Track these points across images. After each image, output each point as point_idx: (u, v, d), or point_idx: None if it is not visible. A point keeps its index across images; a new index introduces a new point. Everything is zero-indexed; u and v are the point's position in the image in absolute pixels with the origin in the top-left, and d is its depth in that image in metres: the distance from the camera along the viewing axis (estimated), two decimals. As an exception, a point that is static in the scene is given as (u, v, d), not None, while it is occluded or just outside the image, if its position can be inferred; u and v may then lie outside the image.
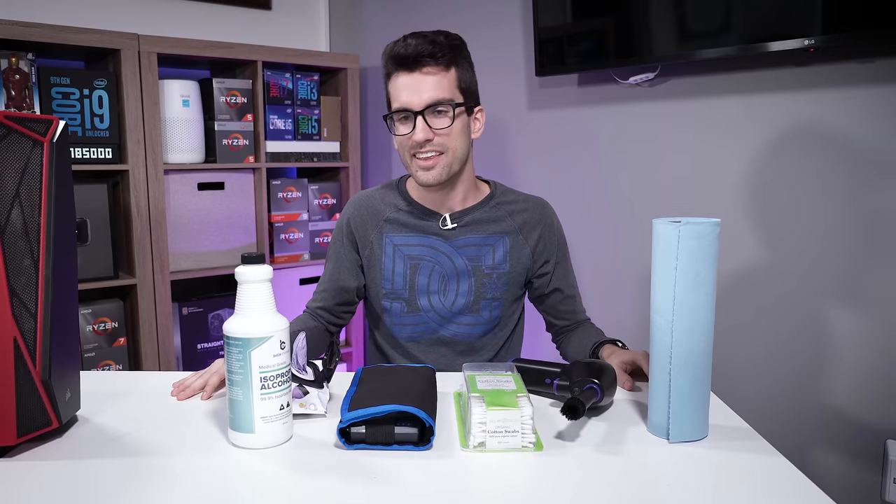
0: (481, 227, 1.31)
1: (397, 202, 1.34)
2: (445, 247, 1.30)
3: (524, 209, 1.34)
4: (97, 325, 1.94)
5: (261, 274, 0.82)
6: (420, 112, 1.20)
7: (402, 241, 1.32)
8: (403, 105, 1.21)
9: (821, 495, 0.73)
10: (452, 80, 1.22)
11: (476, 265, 1.30)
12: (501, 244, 1.31)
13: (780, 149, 1.50)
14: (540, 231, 1.33)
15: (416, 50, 1.19)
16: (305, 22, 2.58)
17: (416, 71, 1.20)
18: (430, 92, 1.20)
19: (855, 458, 1.43)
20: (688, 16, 1.53)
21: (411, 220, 1.32)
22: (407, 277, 1.31)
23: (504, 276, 1.31)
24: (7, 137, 0.77)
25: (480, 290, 1.30)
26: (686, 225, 0.82)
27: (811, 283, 1.47)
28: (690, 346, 0.84)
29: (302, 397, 0.95)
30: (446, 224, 1.30)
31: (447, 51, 1.21)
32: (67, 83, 1.85)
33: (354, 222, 1.35)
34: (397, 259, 1.31)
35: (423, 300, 1.31)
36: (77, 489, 0.74)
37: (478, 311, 1.31)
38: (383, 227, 1.33)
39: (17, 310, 0.78)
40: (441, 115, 1.21)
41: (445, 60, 1.21)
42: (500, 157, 2.09)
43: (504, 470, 0.79)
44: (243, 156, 2.15)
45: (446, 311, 1.31)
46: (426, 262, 1.30)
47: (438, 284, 1.31)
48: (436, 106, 1.20)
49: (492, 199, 1.33)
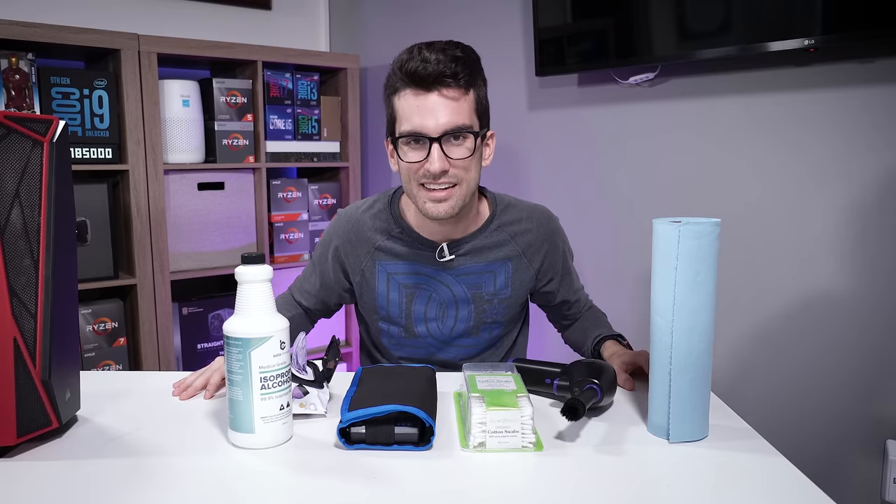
0: (482, 255, 1.22)
1: (389, 227, 1.22)
2: (443, 275, 1.21)
3: (528, 230, 1.24)
4: (97, 325, 1.94)
5: (261, 274, 0.82)
6: (437, 139, 1.07)
7: (396, 270, 1.22)
8: (417, 129, 1.07)
9: (821, 495, 0.73)
10: (471, 103, 1.10)
11: (476, 292, 1.22)
12: (503, 270, 1.23)
13: (780, 149, 1.50)
14: (545, 252, 1.26)
15: (437, 69, 1.05)
16: (305, 22, 2.58)
17: (434, 92, 1.07)
18: (449, 117, 1.07)
19: (855, 458, 1.43)
20: (688, 16, 1.53)
21: (405, 251, 1.21)
22: (403, 306, 1.23)
23: (505, 300, 1.25)
24: (7, 137, 0.77)
25: (481, 315, 1.24)
26: (686, 225, 0.82)
27: (811, 282, 1.47)
28: (690, 346, 0.84)
29: (302, 397, 0.95)
30: (444, 255, 1.20)
31: (467, 70, 1.08)
32: (67, 83, 1.85)
33: (344, 249, 1.25)
34: (391, 288, 1.23)
35: (420, 327, 1.24)
36: (77, 489, 0.74)
37: (477, 334, 1.26)
38: (375, 254, 1.23)
39: (17, 310, 0.78)
40: (459, 145, 1.09)
41: (465, 82, 1.08)
42: (501, 157, 2.09)
43: (504, 470, 0.79)
44: (243, 156, 2.15)
45: (445, 337, 1.26)
46: (423, 290, 1.22)
47: (436, 312, 1.23)
48: (455, 133, 1.07)
49: (492, 221, 1.23)
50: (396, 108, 1.11)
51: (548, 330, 2.05)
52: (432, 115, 1.07)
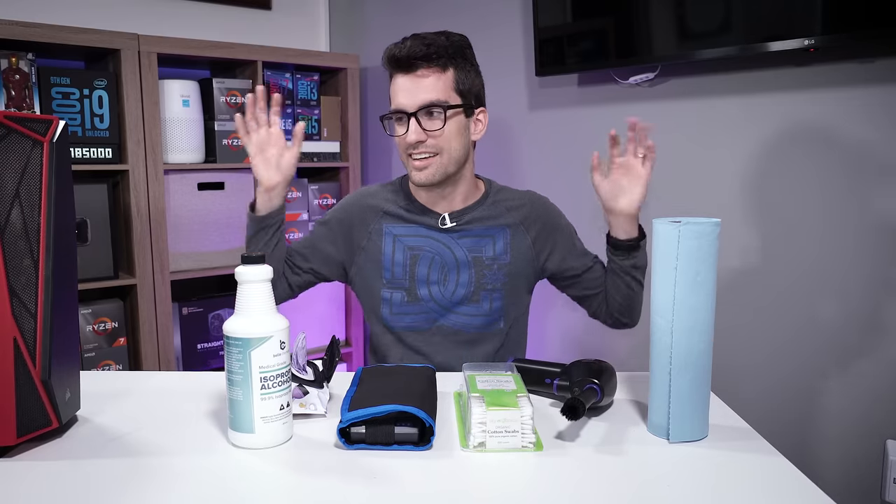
0: (481, 223, 1.33)
1: (398, 199, 1.36)
2: (445, 238, 1.32)
3: (521, 205, 1.35)
4: (97, 325, 1.94)
5: (261, 274, 0.82)
6: (413, 114, 1.22)
7: (402, 232, 1.33)
8: (398, 106, 1.24)
9: (821, 495, 0.73)
10: (449, 81, 1.24)
11: (476, 255, 1.31)
12: (502, 235, 1.32)
13: (780, 149, 1.50)
14: (539, 227, 1.34)
15: (410, 52, 1.21)
16: (305, 22, 2.58)
17: (412, 73, 1.23)
18: (424, 94, 1.22)
19: (855, 458, 1.43)
20: (688, 16, 1.53)
21: (410, 216, 1.33)
22: (407, 267, 1.32)
23: (505, 266, 1.32)
24: (7, 137, 0.77)
25: (481, 280, 1.31)
26: (686, 225, 0.82)
27: (811, 282, 1.47)
28: (690, 346, 0.84)
29: (302, 397, 0.95)
30: (445, 223, 1.31)
31: (444, 52, 1.22)
32: (67, 83, 1.85)
33: (357, 214, 1.36)
34: (397, 249, 1.33)
35: (422, 290, 1.32)
36: (77, 489, 0.74)
37: (478, 301, 1.32)
38: (384, 217, 1.34)
39: (17, 310, 0.78)
40: (434, 118, 1.23)
41: (442, 62, 1.23)
42: (501, 157, 2.09)
43: (504, 470, 0.79)
44: (243, 156, 2.14)
45: (446, 301, 1.32)
46: (426, 252, 1.32)
47: (438, 275, 1.31)
48: (429, 108, 1.22)
49: (487, 197, 1.35)
50: (390, 93, 1.27)
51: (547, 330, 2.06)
52: (411, 94, 1.22)
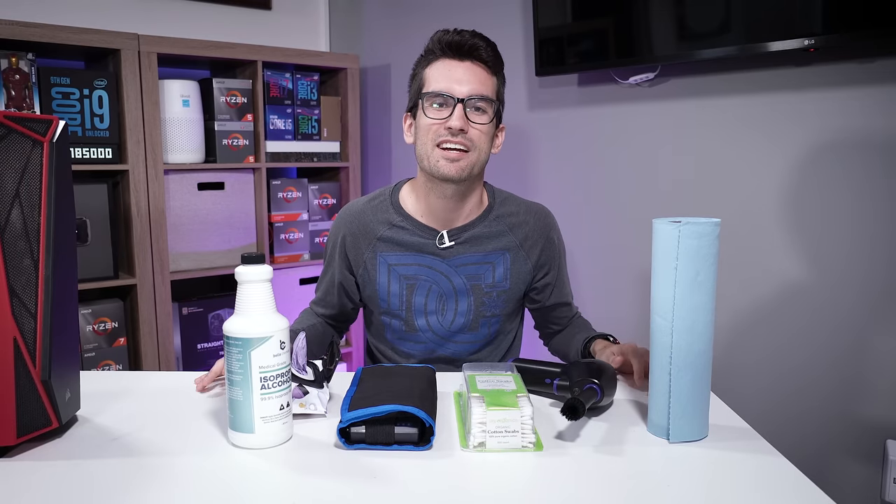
0: (480, 244, 1.25)
1: (391, 217, 1.26)
2: (443, 266, 1.24)
3: (525, 222, 1.29)
4: (97, 325, 1.94)
5: (261, 274, 0.82)
6: (462, 100, 1.15)
7: (397, 261, 1.25)
8: (444, 90, 1.16)
9: (821, 495, 0.73)
10: (495, 85, 1.21)
11: (475, 283, 1.25)
12: (502, 261, 1.26)
13: (780, 149, 1.50)
14: (542, 246, 1.29)
15: (474, 42, 1.17)
16: (305, 22, 2.58)
17: (468, 60, 1.17)
18: (478, 85, 1.17)
19: (855, 458, 1.43)
20: (688, 16, 1.53)
21: (406, 239, 1.25)
22: (403, 298, 1.25)
23: (504, 293, 1.27)
24: (7, 137, 0.77)
25: (480, 308, 1.26)
26: (686, 225, 0.82)
27: (810, 282, 1.47)
28: (690, 346, 0.84)
29: (302, 397, 0.95)
30: (443, 243, 1.23)
31: (496, 58, 1.20)
32: (67, 83, 1.85)
33: (347, 241, 1.28)
34: (392, 279, 1.25)
35: (420, 320, 1.26)
36: (77, 489, 0.74)
37: (476, 329, 1.27)
38: (377, 245, 1.26)
39: (17, 310, 0.78)
40: (481, 112, 1.17)
41: (493, 65, 1.20)
42: (500, 156, 2.09)
43: (504, 470, 0.79)
44: (243, 156, 2.15)
45: (444, 332, 1.27)
46: (423, 281, 1.24)
47: (436, 304, 1.25)
48: (479, 99, 1.16)
49: (490, 211, 1.27)
50: (426, 76, 1.20)
51: (548, 330, 2.04)
52: (461, 81, 1.16)
